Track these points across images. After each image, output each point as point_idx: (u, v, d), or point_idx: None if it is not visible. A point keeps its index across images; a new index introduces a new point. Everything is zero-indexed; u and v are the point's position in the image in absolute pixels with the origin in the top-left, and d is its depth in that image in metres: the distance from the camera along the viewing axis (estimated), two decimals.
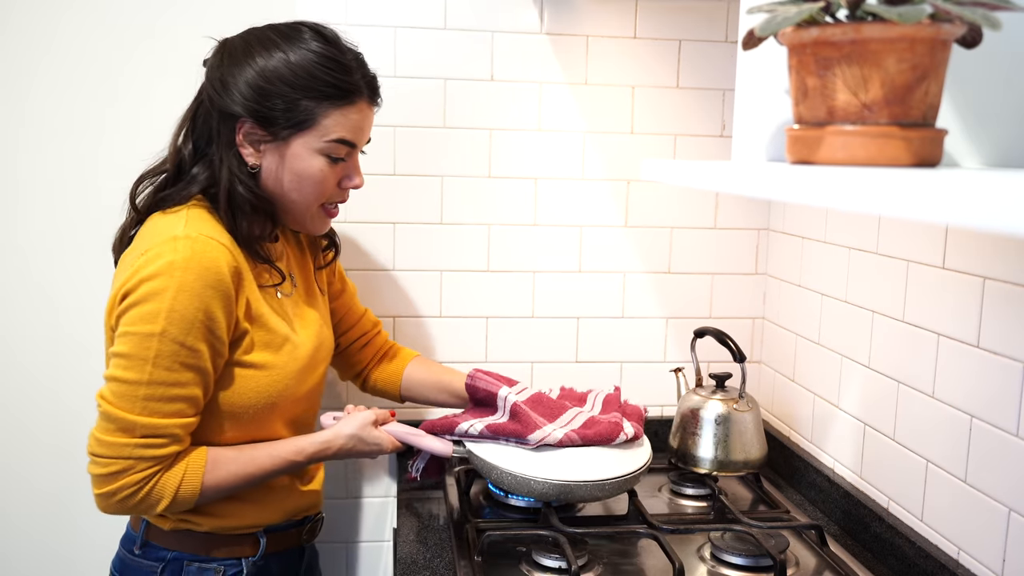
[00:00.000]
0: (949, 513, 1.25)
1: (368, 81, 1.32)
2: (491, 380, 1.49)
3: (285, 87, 1.24)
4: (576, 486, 1.37)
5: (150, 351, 1.16)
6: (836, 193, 0.68)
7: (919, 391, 1.32)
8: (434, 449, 1.43)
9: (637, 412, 1.55)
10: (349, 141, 1.30)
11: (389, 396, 1.62)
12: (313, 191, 1.30)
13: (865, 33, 0.80)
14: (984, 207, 0.51)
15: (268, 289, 1.32)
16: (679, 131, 1.79)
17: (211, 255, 1.19)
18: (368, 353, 1.63)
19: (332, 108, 1.26)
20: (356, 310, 1.62)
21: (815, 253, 1.64)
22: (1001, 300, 1.14)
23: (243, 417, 1.28)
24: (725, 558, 1.35)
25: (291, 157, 1.28)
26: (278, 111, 1.24)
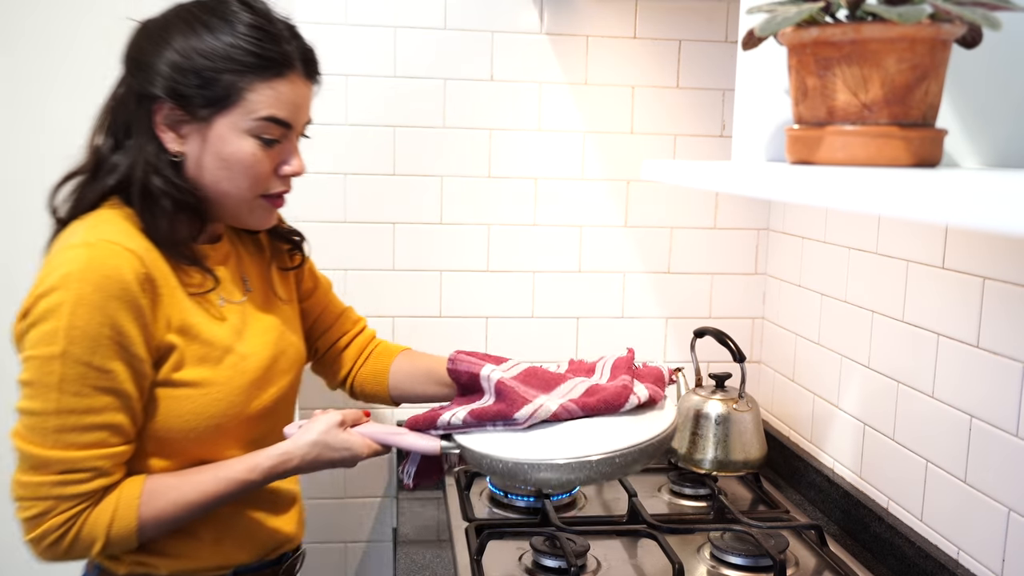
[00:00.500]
0: (949, 513, 1.25)
1: (302, 52, 1.17)
2: (473, 360, 1.30)
3: (204, 60, 1.10)
4: (579, 465, 1.13)
5: (53, 376, 1.03)
6: (836, 193, 0.68)
7: (919, 391, 1.32)
8: (419, 447, 1.23)
9: (655, 373, 1.33)
10: (281, 119, 1.14)
11: (380, 399, 1.46)
12: (245, 179, 1.15)
13: (865, 33, 0.80)
14: (984, 207, 0.51)
15: (204, 296, 1.16)
16: (679, 131, 1.79)
17: (111, 262, 1.04)
18: (351, 355, 1.47)
19: (258, 81, 1.12)
20: (333, 308, 1.48)
21: (815, 253, 1.64)
22: (1001, 300, 1.14)
23: (184, 443, 1.13)
24: (725, 558, 1.35)
25: (216, 140, 1.12)
26: (196, 87, 1.10)
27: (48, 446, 1.04)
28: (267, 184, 1.18)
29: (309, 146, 1.69)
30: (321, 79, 1.22)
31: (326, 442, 1.18)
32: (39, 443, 1.04)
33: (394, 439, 1.23)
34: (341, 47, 1.69)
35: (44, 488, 1.04)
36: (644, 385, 1.26)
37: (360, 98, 1.71)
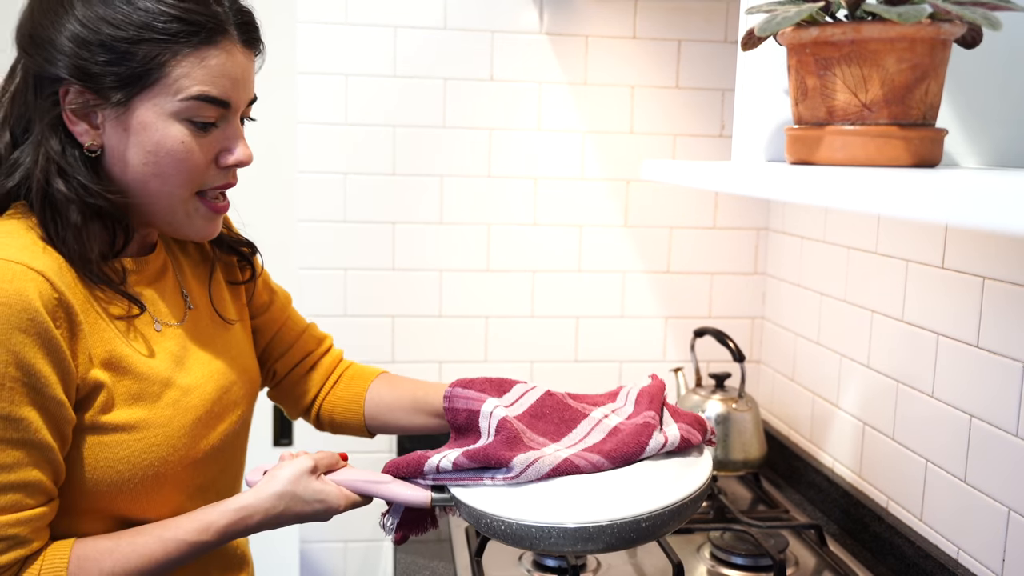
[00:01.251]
0: (948, 513, 1.25)
1: (237, 14, 0.96)
2: (472, 396, 1.09)
3: (113, 30, 0.90)
4: (597, 531, 0.92)
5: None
6: (836, 193, 0.68)
7: (918, 391, 1.32)
8: (405, 499, 1.03)
9: (692, 416, 1.10)
10: (216, 98, 0.93)
11: (352, 430, 1.25)
12: (177, 174, 0.94)
13: (865, 33, 0.80)
14: (983, 207, 0.51)
15: (133, 321, 0.97)
16: (678, 131, 1.79)
17: (14, 287, 0.85)
18: (316, 378, 1.26)
19: (184, 52, 0.91)
20: (293, 325, 1.25)
21: (814, 253, 1.64)
22: (1000, 300, 1.14)
23: (117, 497, 0.94)
24: (725, 558, 1.35)
25: (138, 128, 0.92)
26: (105, 63, 0.90)
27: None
28: (204, 178, 0.97)
29: (309, 145, 1.71)
30: (264, 48, 1.02)
31: (295, 493, 0.99)
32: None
33: (376, 488, 1.04)
34: (341, 47, 1.69)
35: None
36: (677, 425, 1.05)
37: (360, 98, 1.71)
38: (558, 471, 0.97)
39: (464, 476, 1.01)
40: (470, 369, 1.79)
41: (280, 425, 1.87)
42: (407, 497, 1.03)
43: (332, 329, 1.75)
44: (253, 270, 1.18)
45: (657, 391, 1.12)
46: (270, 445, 1.86)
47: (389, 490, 1.03)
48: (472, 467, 1.00)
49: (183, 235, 1.01)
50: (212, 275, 1.12)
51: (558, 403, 1.10)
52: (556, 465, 0.97)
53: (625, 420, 1.07)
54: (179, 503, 1.00)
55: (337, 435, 1.28)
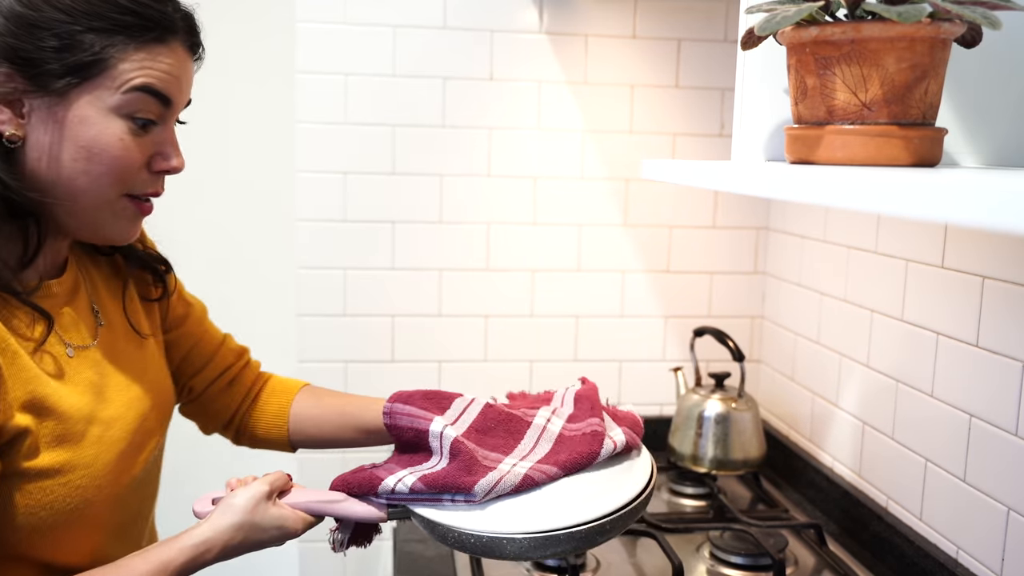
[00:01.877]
0: (948, 512, 1.25)
1: (183, 16, 0.92)
2: (415, 413, 1.07)
3: (59, 13, 0.84)
4: (567, 536, 0.96)
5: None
6: (835, 192, 0.68)
7: (918, 390, 1.32)
8: (361, 516, 1.02)
9: (631, 417, 1.14)
10: (160, 92, 0.89)
11: (275, 444, 1.21)
12: (108, 173, 0.88)
13: (865, 32, 0.80)
14: (983, 206, 0.51)
15: (44, 351, 0.89)
16: (678, 130, 1.79)
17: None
18: (236, 394, 1.20)
19: (133, 45, 0.87)
20: (209, 339, 1.18)
21: (814, 252, 1.64)
22: (1000, 299, 1.14)
23: (36, 543, 0.87)
24: (724, 557, 1.35)
25: (74, 121, 0.86)
26: (48, 49, 0.84)
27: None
28: (134, 181, 0.91)
29: (309, 145, 1.71)
30: (204, 54, 0.98)
31: (253, 522, 0.94)
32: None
33: (332, 509, 1.01)
34: (341, 46, 1.69)
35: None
36: (621, 429, 1.09)
37: (360, 97, 1.71)
38: (519, 489, 0.98)
39: (421, 498, 1.00)
40: (470, 369, 1.80)
41: None
42: (362, 514, 1.01)
43: (332, 329, 1.76)
44: (165, 288, 1.11)
45: (593, 394, 1.14)
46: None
47: (345, 508, 1.02)
48: (429, 491, 0.99)
49: (103, 237, 0.94)
50: (126, 289, 1.07)
51: (500, 414, 1.09)
52: (517, 484, 0.98)
53: (568, 423, 1.09)
54: (100, 543, 0.95)
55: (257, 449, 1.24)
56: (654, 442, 1.81)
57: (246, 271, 1.97)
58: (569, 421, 1.09)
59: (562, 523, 0.95)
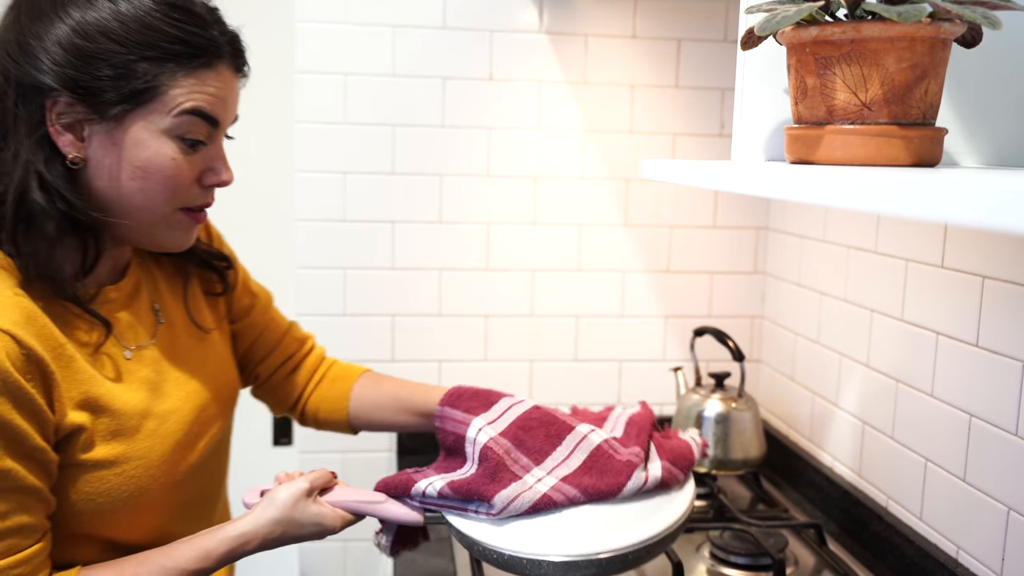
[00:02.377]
0: (948, 512, 1.25)
1: (229, 39, 0.98)
2: (459, 418, 1.12)
3: (114, 44, 0.90)
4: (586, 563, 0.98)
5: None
6: (835, 192, 0.68)
7: (918, 390, 1.32)
8: (399, 518, 1.07)
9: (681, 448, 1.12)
10: (208, 114, 0.95)
11: (336, 427, 1.30)
12: (164, 192, 0.95)
13: (865, 32, 0.80)
14: (983, 206, 0.51)
15: (102, 354, 0.97)
16: (678, 130, 1.79)
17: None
18: (300, 379, 1.29)
19: (182, 72, 0.93)
20: (275, 327, 1.27)
21: (814, 252, 1.64)
22: (1000, 299, 1.14)
23: (99, 525, 0.96)
24: (724, 557, 1.35)
25: (129, 144, 0.92)
26: (105, 78, 0.90)
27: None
28: (187, 196, 0.98)
29: (308, 145, 1.71)
30: (249, 71, 1.03)
31: (292, 518, 1.01)
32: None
33: (371, 509, 1.07)
34: (340, 46, 1.69)
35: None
36: (661, 463, 1.08)
37: (359, 97, 1.71)
38: (536, 508, 1.02)
39: (449, 504, 1.06)
40: (470, 368, 1.79)
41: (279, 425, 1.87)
42: (401, 516, 1.07)
43: (332, 329, 1.76)
44: (226, 284, 1.18)
45: (646, 422, 1.16)
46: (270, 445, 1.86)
47: (384, 509, 1.07)
48: (456, 498, 1.05)
49: (160, 246, 1.01)
50: (187, 286, 1.13)
51: (544, 415, 1.12)
52: (535, 502, 1.02)
53: (611, 439, 1.10)
54: (161, 523, 1.02)
55: (322, 431, 1.32)
56: None
57: None
58: (613, 439, 1.11)
59: (584, 551, 0.98)
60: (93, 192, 0.94)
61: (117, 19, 0.90)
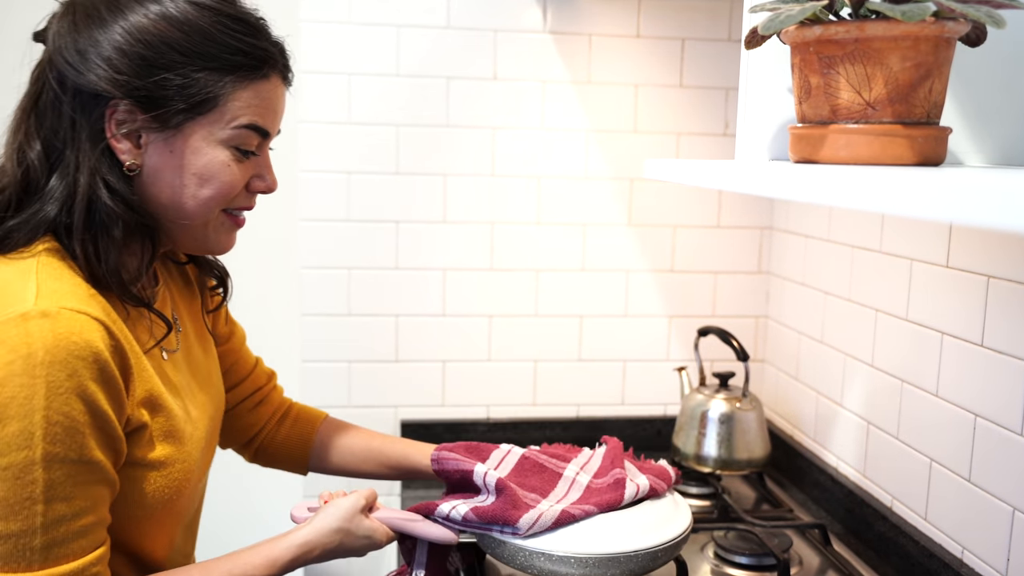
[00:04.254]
0: (953, 512, 1.25)
1: (280, 50, 1.00)
2: (460, 458, 1.18)
3: (174, 53, 0.91)
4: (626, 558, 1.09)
5: (35, 486, 0.83)
6: (839, 192, 0.68)
7: (923, 390, 1.32)
8: (434, 536, 1.11)
9: (658, 469, 1.24)
10: (262, 128, 0.98)
11: (290, 465, 1.31)
12: (216, 196, 0.97)
13: (868, 31, 0.80)
14: (988, 205, 0.51)
15: (153, 352, 0.98)
16: (682, 130, 1.79)
17: (83, 337, 0.84)
18: (263, 413, 1.28)
19: (241, 84, 0.94)
20: (246, 360, 1.28)
21: (818, 251, 1.64)
22: (1005, 299, 1.14)
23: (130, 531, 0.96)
24: (728, 557, 1.35)
25: (187, 151, 0.94)
26: (167, 87, 0.91)
27: (36, 567, 0.84)
28: (235, 198, 1.00)
29: (312, 145, 1.71)
30: (293, 78, 1.06)
31: (349, 530, 1.06)
32: (23, 567, 0.84)
33: (411, 527, 1.12)
34: (345, 46, 1.69)
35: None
36: (645, 476, 1.20)
37: (363, 97, 1.71)
38: (559, 523, 1.10)
39: (471, 527, 1.12)
40: (474, 368, 1.79)
41: None
42: (436, 534, 1.11)
43: (335, 329, 1.76)
44: (226, 292, 1.20)
45: (616, 450, 1.26)
46: None
47: (422, 528, 1.12)
48: (479, 522, 1.11)
49: (205, 249, 1.03)
50: (197, 298, 1.16)
51: (535, 464, 1.22)
52: (557, 518, 1.10)
53: (594, 478, 1.21)
54: (175, 534, 1.03)
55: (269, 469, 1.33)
56: (658, 442, 1.82)
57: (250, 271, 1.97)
58: (595, 477, 1.21)
59: (617, 548, 1.08)
60: (148, 197, 0.95)
61: (179, 29, 0.91)
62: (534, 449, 1.27)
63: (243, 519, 1.74)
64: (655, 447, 1.80)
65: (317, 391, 1.76)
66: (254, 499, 1.84)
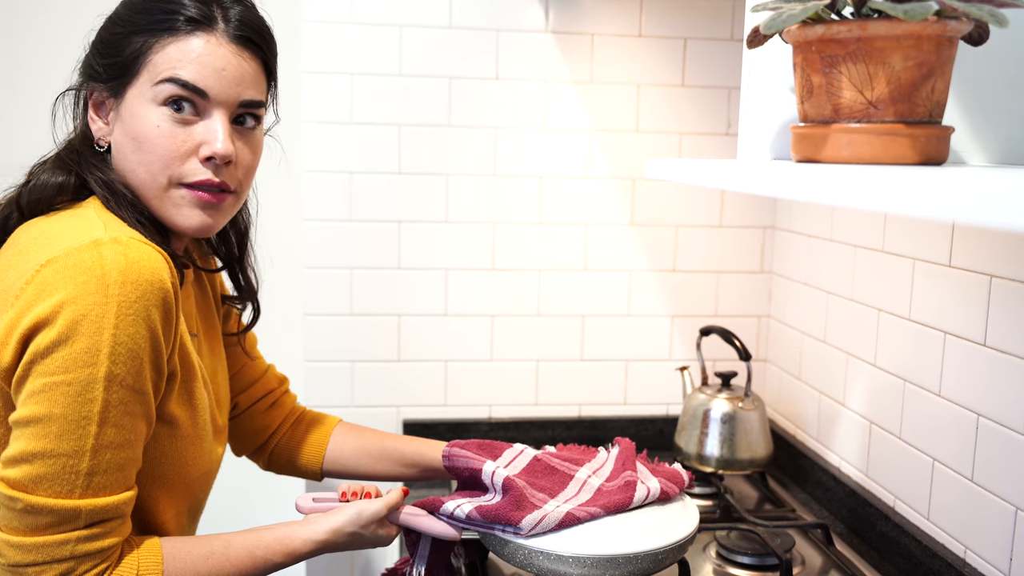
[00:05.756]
0: (956, 512, 1.25)
1: (224, 10, 0.98)
2: (471, 456, 1.18)
3: (116, 27, 0.98)
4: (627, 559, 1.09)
5: (93, 405, 0.85)
6: (842, 191, 0.68)
7: (926, 389, 1.31)
8: (438, 532, 1.13)
9: (670, 472, 1.23)
10: (188, 82, 0.94)
11: (305, 471, 1.30)
12: (154, 160, 0.95)
13: (871, 30, 0.80)
14: (991, 205, 0.51)
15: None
16: (684, 129, 1.79)
17: (153, 265, 0.88)
18: (276, 416, 1.29)
19: (166, 40, 0.95)
20: (259, 363, 1.29)
21: (821, 251, 1.64)
22: (1008, 298, 1.14)
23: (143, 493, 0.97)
24: (731, 557, 1.35)
25: (127, 116, 0.96)
26: (108, 56, 0.97)
27: (78, 494, 0.85)
28: (182, 166, 0.96)
29: (315, 145, 1.71)
30: (270, 49, 1.04)
31: (363, 536, 1.07)
32: (66, 492, 0.85)
33: (415, 522, 1.13)
34: (347, 46, 1.69)
35: (68, 547, 0.86)
36: (656, 479, 1.19)
37: (365, 97, 1.71)
38: (563, 524, 1.10)
39: (475, 526, 1.13)
40: (476, 368, 1.79)
41: None
42: (439, 530, 1.13)
43: (338, 328, 1.76)
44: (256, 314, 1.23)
45: (629, 452, 1.26)
46: None
47: (426, 524, 1.13)
48: (483, 521, 1.12)
49: (173, 226, 1.00)
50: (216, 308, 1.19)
51: (546, 466, 1.21)
52: (561, 520, 1.10)
53: (606, 482, 1.20)
54: (180, 514, 1.05)
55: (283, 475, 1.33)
56: (660, 442, 1.82)
57: None
58: (607, 480, 1.21)
59: (623, 549, 1.08)
60: (121, 173, 0.98)
61: (125, 5, 0.99)
62: (549, 451, 1.27)
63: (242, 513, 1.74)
64: (657, 447, 1.80)
65: (320, 391, 1.76)
66: (252, 497, 1.84)
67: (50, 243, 0.89)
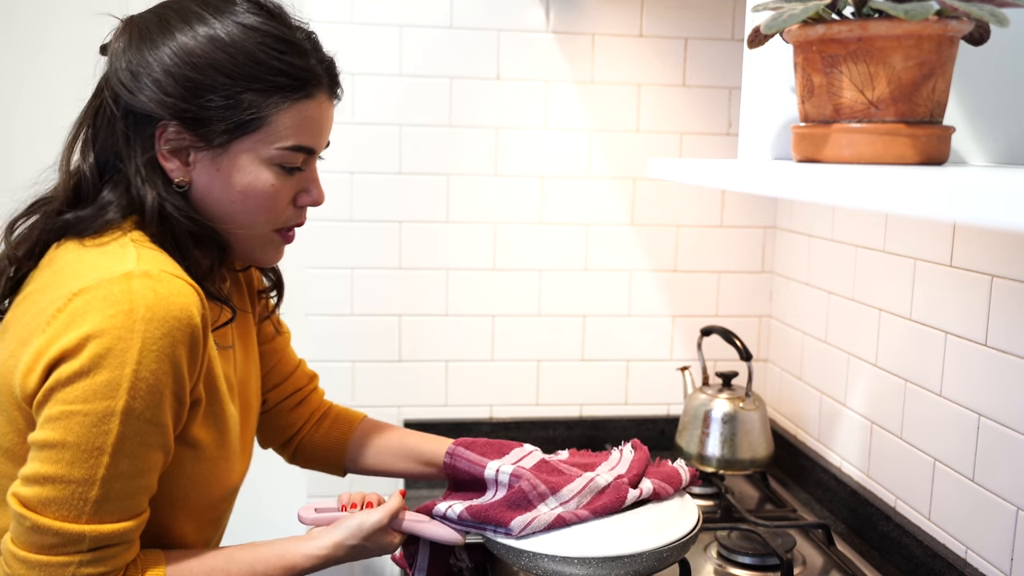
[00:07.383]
0: (957, 512, 1.25)
1: (327, 68, 1.02)
2: (475, 459, 1.18)
3: (220, 76, 0.94)
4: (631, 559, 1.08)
5: (108, 436, 0.86)
6: (843, 191, 0.68)
7: (926, 389, 1.31)
8: (441, 537, 1.12)
9: (669, 472, 1.22)
10: (307, 147, 1.01)
11: (329, 467, 1.32)
12: (262, 213, 1.00)
13: (871, 30, 0.80)
14: (992, 205, 0.50)
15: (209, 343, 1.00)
16: (685, 129, 1.79)
17: (181, 301, 0.88)
18: (302, 414, 1.30)
19: (284, 104, 0.97)
20: (290, 359, 1.30)
21: (822, 251, 1.64)
22: (1009, 298, 1.14)
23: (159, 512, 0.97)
24: (732, 557, 1.35)
25: (231, 170, 0.97)
26: (213, 109, 0.94)
27: (85, 519, 0.86)
28: (284, 217, 1.03)
29: None
30: (342, 94, 1.07)
31: (365, 547, 1.07)
32: (72, 517, 0.86)
33: (418, 528, 1.12)
34: (348, 46, 1.69)
35: (69, 568, 0.87)
36: (651, 480, 1.19)
37: (366, 97, 1.71)
38: (552, 526, 1.10)
39: (466, 527, 1.12)
40: (477, 368, 1.80)
41: None
42: (442, 535, 1.12)
43: (339, 328, 1.76)
44: (279, 296, 1.23)
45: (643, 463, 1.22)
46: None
47: (429, 529, 1.12)
48: (473, 521, 1.11)
49: (252, 261, 1.07)
50: (253, 304, 1.20)
51: (552, 468, 1.19)
52: (550, 523, 1.09)
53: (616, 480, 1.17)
54: (204, 528, 1.05)
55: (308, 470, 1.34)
56: (661, 442, 1.82)
57: None
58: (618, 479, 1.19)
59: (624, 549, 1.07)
60: (200, 210, 0.99)
61: (221, 48, 0.94)
62: (560, 456, 1.26)
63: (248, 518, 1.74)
64: (658, 447, 1.80)
65: None
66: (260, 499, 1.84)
67: (84, 270, 0.89)
